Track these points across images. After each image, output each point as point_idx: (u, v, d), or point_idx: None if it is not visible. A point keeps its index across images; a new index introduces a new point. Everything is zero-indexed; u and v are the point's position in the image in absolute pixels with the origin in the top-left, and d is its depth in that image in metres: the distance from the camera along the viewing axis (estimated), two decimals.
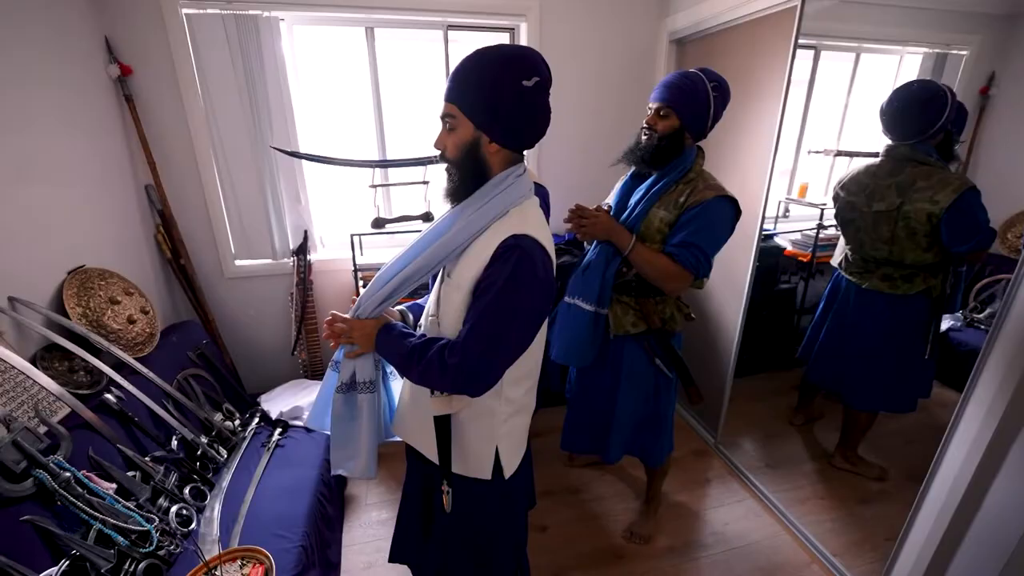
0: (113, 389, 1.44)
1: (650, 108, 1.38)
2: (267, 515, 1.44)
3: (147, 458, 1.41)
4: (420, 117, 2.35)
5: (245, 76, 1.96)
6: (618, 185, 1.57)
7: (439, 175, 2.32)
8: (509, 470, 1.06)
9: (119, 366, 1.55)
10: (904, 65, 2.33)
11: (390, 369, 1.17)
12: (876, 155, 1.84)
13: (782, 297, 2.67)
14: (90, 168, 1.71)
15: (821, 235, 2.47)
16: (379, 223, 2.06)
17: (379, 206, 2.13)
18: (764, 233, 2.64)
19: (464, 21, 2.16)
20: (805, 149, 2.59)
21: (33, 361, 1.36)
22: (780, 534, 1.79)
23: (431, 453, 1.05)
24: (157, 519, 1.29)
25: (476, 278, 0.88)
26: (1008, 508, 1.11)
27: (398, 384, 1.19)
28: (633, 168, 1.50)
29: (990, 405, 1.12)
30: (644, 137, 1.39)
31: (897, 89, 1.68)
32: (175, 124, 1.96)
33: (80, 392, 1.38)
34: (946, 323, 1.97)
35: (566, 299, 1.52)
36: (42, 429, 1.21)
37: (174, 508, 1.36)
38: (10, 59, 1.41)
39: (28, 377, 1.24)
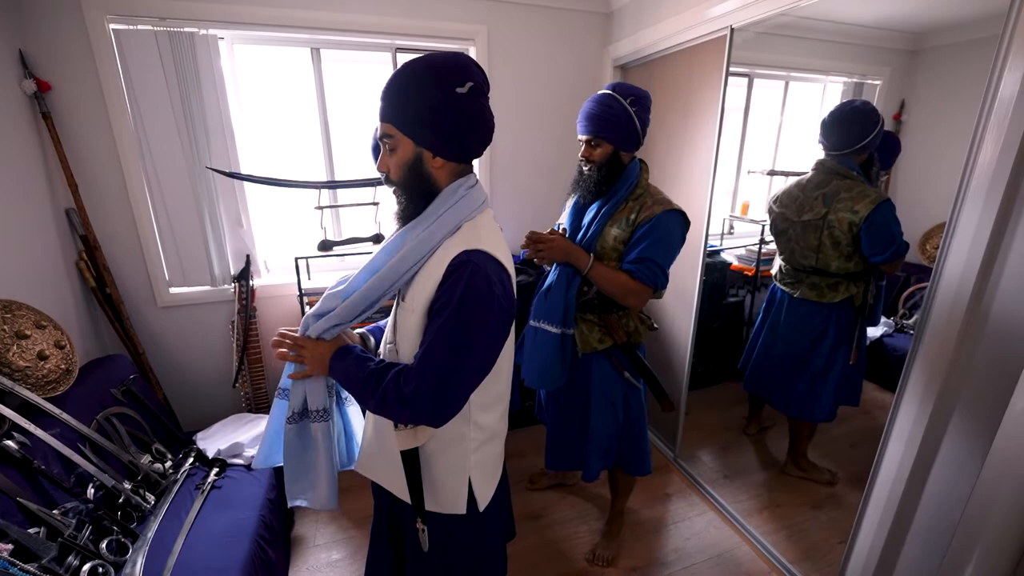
0: (15, 435, 1.28)
1: (580, 141, 1.43)
2: (198, 566, 1.31)
3: (55, 511, 1.25)
4: (369, 138, 2.32)
5: (180, 95, 1.87)
6: (569, 204, 1.59)
7: (389, 196, 2.29)
8: (483, 501, 1.00)
9: (27, 408, 1.39)
10: (827, 92, 2.53)
11: (345, 394, 1.10)
12: (802, 173, 1.96)
13: (731, 310, 2.78)
14: None
15: (763, 249, 2.61)
16: (326, 246, 1.98)
17: (326, 228, 2.06)
18: (710, 249, 2.76)
19: (412, 44, 2.16)
20: (745, 169, 2.74)
21: None
22: (740, 545, 1.80)
23: (401, 492, 0.97)
24: None
25: (429, 299, 0.84)
26: (944, 500, 1.16)
27: (355, 409, 1.12)
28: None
29: (919, 404, 1.17)
30: (585, 169, 1.43)
31: (839, 104, 1.82)
32: (101, 144, 1.84)
33: None
34: (879, 330, 2.09)
35: (532, 323, 1.53)
36: None
37: (87, 566, 1.21)
38: None
39: None
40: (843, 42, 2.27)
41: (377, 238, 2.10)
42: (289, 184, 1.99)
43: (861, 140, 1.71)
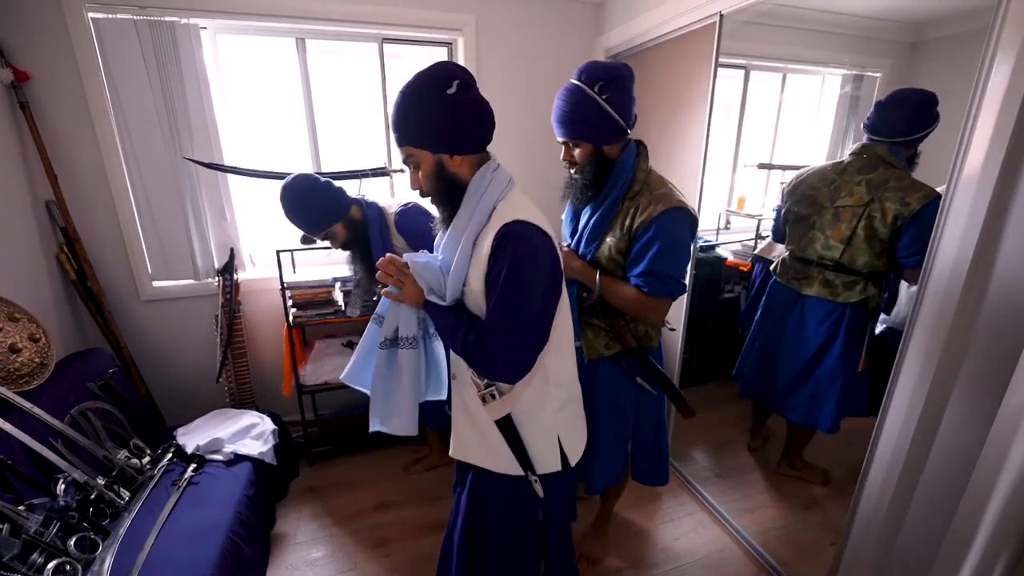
0: None
1: (559, 142, 1.30)
2: (168, 563, 1.28)
3: (21, 507, 1.23)
4: (356, 130, 2.29)
5: (162, 85, 1.84)
6: (568, 206, 1.46)
7: (374, 188, 2.24)
8: (575, 455, 1.08)
9: (2, 406, 1.36)
10: (826, 85, 2.48)
11: (432, 328, 1.14)
12: (797, 167, 1.88)
13: (726, 306, 2.73)
14: None
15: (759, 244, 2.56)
16: (308, 239, 1.95)
17: None
18: (705, 244, 2.72)
19: (399, 34, 2.13)
20: (741, 163, 2.69)
21: None
22: (729, 546, 1.76)
23: (503, 462, 1.04)
24: None
25: (484, 275, 0.91)
26: (937, 501, 1.11)
27: (440, 345, 1.15)
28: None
29: (911, 399, 1.13)
30: (571, 172, 1.29)
31: (898, 89, 1.65)
32: (80, 135, 1.81)
33: None
34: (878, 327, 2.02)
35: None
36: None
37: (52, 564, 1.18)
38: None
39: None
40: (842, 33, 2.22)
41: None
42: (270, 176, 1.96)
43: (921, 130, 1.55)
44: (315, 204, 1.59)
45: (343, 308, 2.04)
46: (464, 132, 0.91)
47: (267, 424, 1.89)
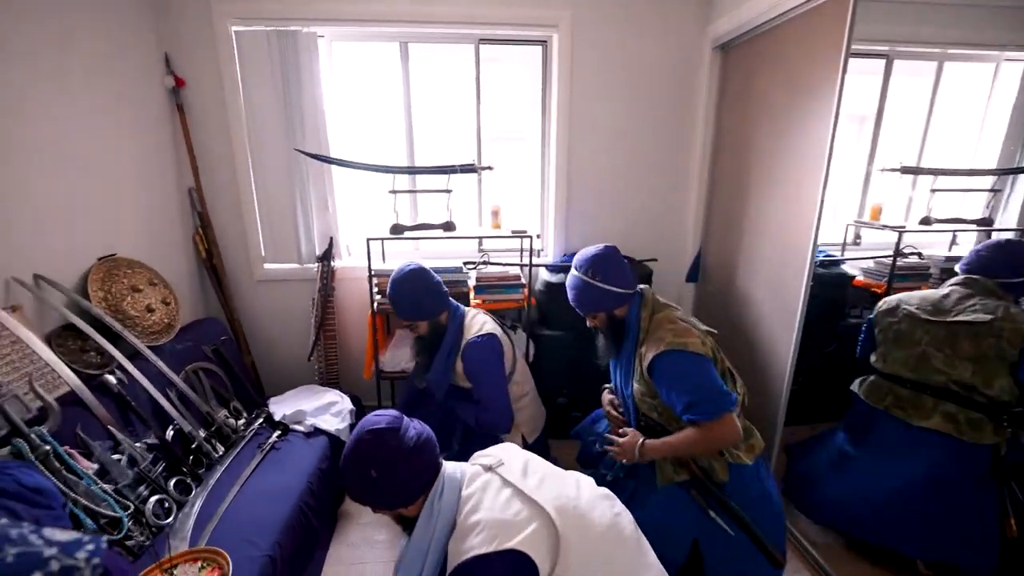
0: (116, 372, 1.46)
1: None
2: (243, 518, 1.37)
3: (138, 444, 1.40)
4: (450, 128, 2.38)
5: (284, 87, 2.06)
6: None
7: (462, 184, 2.28)
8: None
9: (135, 355, 1.59)
10: (1001, 74, 2.03)
11: None
12: (957, 172, 1.65)
13: (850, 333, 2.32)
14: (135, 168, 1.84)
15: (900, 263, 2.14)
16: (397, 229, 2.04)
17: (398, 212, 2.11)
18: (829, 259, 2.35)
19: (495, 34, 2.16)
20: (878, 167, 2.30)
21: (49, 339, 1.41)
22: None
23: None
24: (133, 507, 1.26)
25: None
26: None
27: None
28: None
29: None
30: (599, 336, 1.56)
31: (996, 239, 1.65)
32: (218, 133, 2.09)
33: (88, 371, 1.41)
34: None
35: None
36: (37, 404, 1.23)
37: (153, 499, 1.32)
38: (74, 70, 1.58)
39: (35, 351, 1.28)
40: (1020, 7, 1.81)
41: (448, 225, 2.11)
42: (364, 167, 2.08)
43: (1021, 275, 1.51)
44: (415, 294, 1.67)
45: None
46: (398, 493, 1.03)
47: (346, 403, 1.98)
